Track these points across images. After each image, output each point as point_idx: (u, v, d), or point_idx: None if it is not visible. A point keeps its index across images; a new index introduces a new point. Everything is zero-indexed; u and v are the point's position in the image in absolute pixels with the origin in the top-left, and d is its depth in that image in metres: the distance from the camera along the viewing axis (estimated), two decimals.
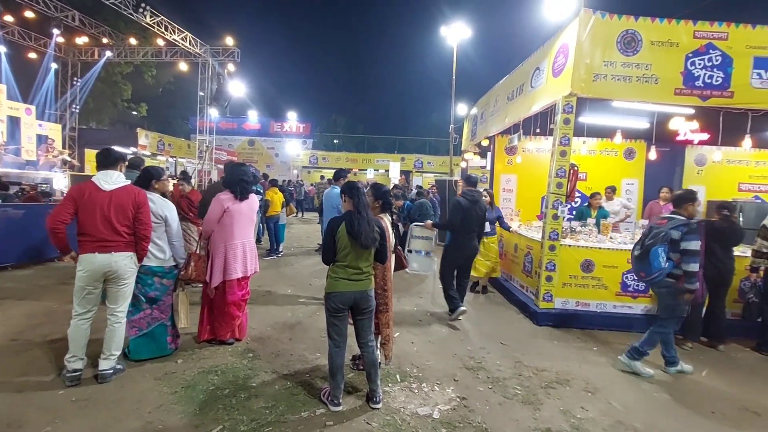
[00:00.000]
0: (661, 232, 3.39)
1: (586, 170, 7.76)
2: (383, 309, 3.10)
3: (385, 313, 3.12)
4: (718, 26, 4.53)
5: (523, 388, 3.12)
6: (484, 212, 4.79)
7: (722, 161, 7.73)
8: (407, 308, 5.08)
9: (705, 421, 2.84)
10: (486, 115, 8.33)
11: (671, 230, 3.36)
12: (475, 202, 4.68)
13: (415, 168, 25.21)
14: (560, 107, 4.67)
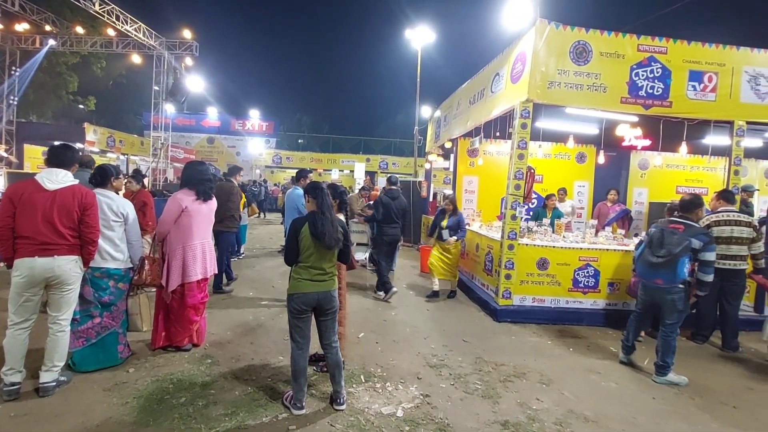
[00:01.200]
0: (684, 240, 3.41)
1: (542, 173, 8.12)
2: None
3: (339, 311, 3.13)
4: (659, 41, 4.91)
5: (483, 383, 3.23)
6: (403, 207, 5.88)
7: (662, 165, 8.37)
8: (372, 309, 5.10)
9: (647, 406, 3.06)
10: (449, 117, 8.52)
11: (692, 239, 3.42)
12: (395, 198, 5.77)
13: (380, 169, 25.31)
14: (518, 112, 4.87)
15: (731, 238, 4.30)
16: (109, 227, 3.06)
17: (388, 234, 5.75)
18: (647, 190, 8.45)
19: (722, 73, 4.95)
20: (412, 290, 6.22)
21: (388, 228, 5.70)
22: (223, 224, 5.35)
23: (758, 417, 3.02)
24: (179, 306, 3.41)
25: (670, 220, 3.75)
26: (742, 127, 5.05)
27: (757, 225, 4.44)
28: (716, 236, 4.35)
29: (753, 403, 3.22)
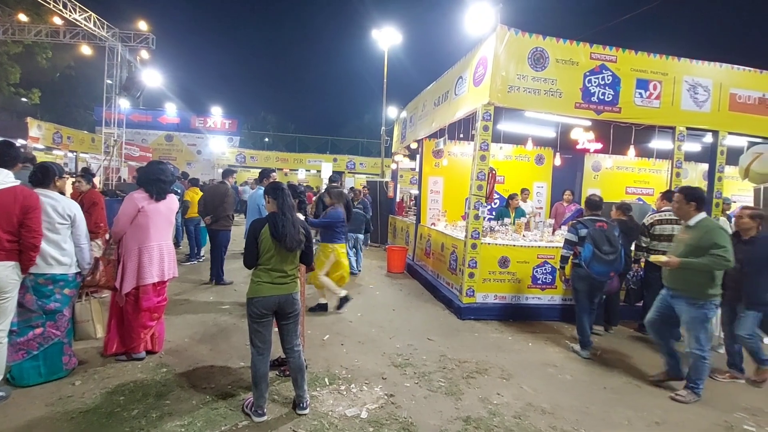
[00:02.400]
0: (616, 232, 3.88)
1: (503, 174, 8.41)
2: None
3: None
4: (609, 50, 5.20)
5: (446, 380, 3.29)
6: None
7: (613, 168, 8.89)
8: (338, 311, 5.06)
9: (598, 396, 3.23)
10: (415, 118, 8.62)
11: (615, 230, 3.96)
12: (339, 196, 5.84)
13: (347, 169, 25.21)
14: (480, 115, 5.00)
15: (672, 236, 4.62)
16: (54, 230, 2.86)
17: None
18: (600, 190, 8.92)
19: (665, 82, 5.32)
20: (378, 291, 6.24)
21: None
22: (219, 224, 5.96)
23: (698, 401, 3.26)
24: (133, 310, 3.26)
25: (595, 219, 4.10)
26: (683, 132, 5.44)
27: None
28: (659, 234, 4.68)
29: None
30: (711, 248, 3.15)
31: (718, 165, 5.63)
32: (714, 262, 3.14)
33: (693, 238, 3.30)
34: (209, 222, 5.97)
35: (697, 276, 3.25)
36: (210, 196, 6.14)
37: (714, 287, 3.24)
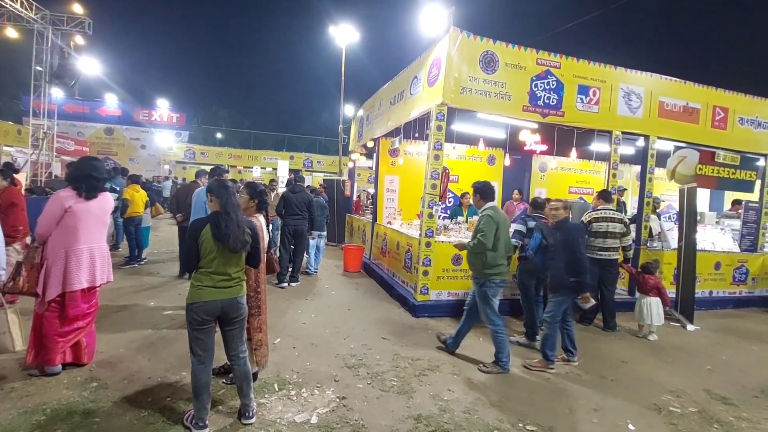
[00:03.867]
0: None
1: (457, 173, 8.61)
2: (255, 312, 2.95)
3: (258, 317, 2.98)
4: (554, 56, 5.46)
5: (399, 379, 3.29)
6: (305, 200, 6.31)
7: (558, 168, 9.41)
8: (290, 313, 4.92)
9: (543, 387, 3.38)
10: (371, 117, 8.60)
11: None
12: (295, 192, 6.34)
13: (304, 167, 24.73)
14: (434, 115, 5.06)
15: (606, 232, 4.97)
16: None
17: (290, 225, 6.27)
18: (546, 190, 9.43)
19: (603, 89, 5.68)
20: (334, 290, 6.15)
21: (290, 219, 6.20)
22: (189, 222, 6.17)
23: (630, 386, 3.50)
24: (59, 318, 2.97)
25: (540, 216, 4.45)
26: (619, 136, 5.84)
27: (627, 221, 5.17)
28: (594, 230, 5.00)
29: (627, 375, 3.73)
30: (477, 233, 3.60)
31: (649, 167, 6.10)
32: (475, 245, 3.59)
33: (476, 225, 3.77)
34: (181, 219, 6.16)
35: (473, 257, 3.70)
36: (183, 195, 6.37)
37: (490, 268, 3.58)
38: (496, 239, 3.56)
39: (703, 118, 6.31)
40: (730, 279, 6.67)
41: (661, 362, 4.12)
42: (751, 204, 7.04)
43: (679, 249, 5.85)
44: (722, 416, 3.05)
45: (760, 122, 6.73)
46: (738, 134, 6.55)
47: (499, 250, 3.62)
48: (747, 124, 6.64)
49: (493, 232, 3.54)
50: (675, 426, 2.87)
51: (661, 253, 6.09)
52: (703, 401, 3.30)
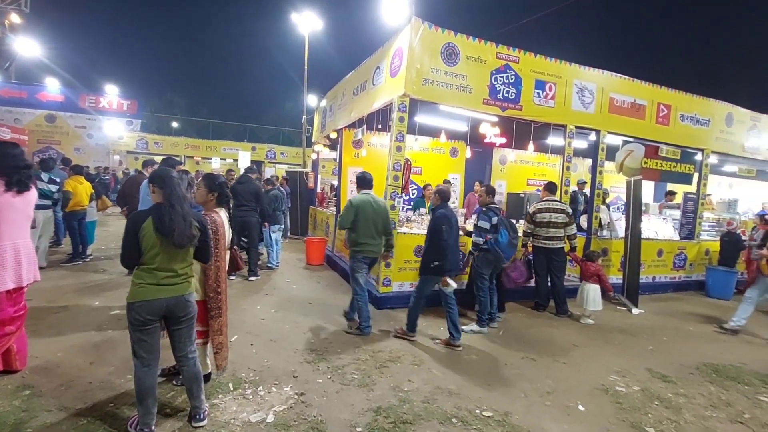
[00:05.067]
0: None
1: (420, 165, 8.66)
2: (216, 314, 2.81)
3: (218, 319, 2.83)
4: (513, 51, 5.56)
5: (360, 372, 3.26)
6: (253, 191, 6.12)
7: (516, 161, 9.70)
8: (249, 309, 4.77)
9: (500, 372, 3.48)
10: (334, 108, 8.44)
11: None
12: (242, 183, 6.23)
13: (267, 158, 24.01)
14: (396, 106, 5.02)
15: (550, 222, 5.19)
16: None
17: (237, 216, 5.92)
18: (506, 182, 9.70)
19: (559, 84, 5.87)
20: (295, 284, 6.02)
21: (237, 211, 5.90)
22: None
23: (580, 368, 3.68)
24: None
25: (498, 207, 4.58)
26: (573, 130, 6.07)
27: (570, 211, 5.38)
28: (538, 221, 5.22)
29: (578, 358, 3.92)
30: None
31: (600, 160, 6.40)
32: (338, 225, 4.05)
33: None
34: (127, 213, 5.74)
35: (346, 236, 4.28)
36: (129, 187, 5.97)
37: (354, 245, 4.15)
38: (358, 222, 4.09)
39: (648, 114, 6.69)
40: (670, 265, 7.18)
41: (609, 344, 4.37)
42: (690, 195, 7.59)
43: (626, 238, 6.21)
44: (662, 393, 3.27)
45: (698, 119, 7.23)
46: (679, 130, 7.01)
47: (360, 231, 4.11)
48: (687, 121, 7.12)
49: (351, 216, 4.08)
50: (620, 405, 3.05)
51: (609, 242, 6.44)
52: (646, 380, 3.52)
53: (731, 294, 6.89)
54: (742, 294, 5.41)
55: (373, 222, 4.14)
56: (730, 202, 9.84)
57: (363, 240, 4.11)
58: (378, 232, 4.20)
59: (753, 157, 8.04)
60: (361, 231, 4.11)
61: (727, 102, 7.61)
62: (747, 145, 7.88)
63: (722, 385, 3.50)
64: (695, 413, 2.98)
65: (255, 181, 6.53)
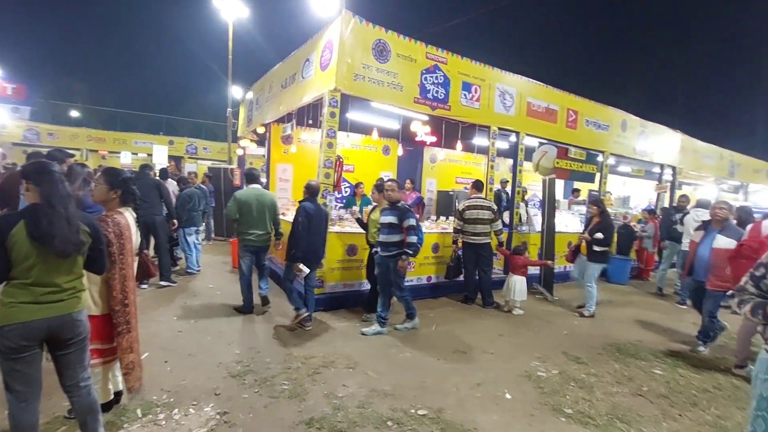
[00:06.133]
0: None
1: (352, 163, 8.56)
2: (124, 329, 2.42)
3: (127, 335, 2.44)
4: (441, 52, 5.69)
5: (291, 381, 3.08)
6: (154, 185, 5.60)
7: (446, 160, 10.06)
8: (163, 319, 4.28)
9: (434, 368, 3.52)
10: (261, 100, 7.99)
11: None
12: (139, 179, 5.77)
13: (187, 153, 22.11)
14: (327, 101, 4.85)
15: (477, 219, 5.45)
16: None
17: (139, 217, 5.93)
18: (436, 180, 10.02)
19: (483, 87, 6.15)
20: (219, 290, 5.57)
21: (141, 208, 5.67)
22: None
23: (506, 357, 3.87)
24: None
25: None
26: (496, 131, 6.41)
27: (496, 208, 5.70)
28: (467, 218, 5.45)
29: (503, 348, 4.13)
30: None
31: (520, 160, 6.85)
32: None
33: None
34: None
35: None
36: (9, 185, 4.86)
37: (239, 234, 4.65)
38: (242, 214, 4.55)
39: (560, 118, 7.31)
40: None
41: (530, 332, 4.68)
42: (593, 192, 8.48)
43: (542, 232, 6.73)
44: (577, 374, 3.56)
45: (600, 124, 8.09)
46: (584, 134, 7.77)
47: (244, 222, 4.56)
48: (591, 126, 7.92)
49: (235, 208, 4.54)
50: (542, 389, 3.25)
51: (528, 236, 6.93)
52: (563, 363, 3.82)
53: (627, 279, 7.84)
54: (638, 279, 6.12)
55: (259, 214, 4.60)
56: (624, 198, 11.25)
57: (246, 230, 4.58)
58: (265, 224, 4.67)
59: (642, 158, 9.23)
60: (245, 222, 4.58)
61: (622, 110, 8.63)
62: (638, 148, 9.01)
63: (624, 362, 3.92)
64: (604, 390, 3.29)
65: (152, 174, 5.94)
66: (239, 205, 4.58)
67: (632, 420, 2.84)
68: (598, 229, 5.39)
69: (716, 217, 4.22)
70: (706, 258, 4.18)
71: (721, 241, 4.07)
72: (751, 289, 1.76)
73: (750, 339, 3.79)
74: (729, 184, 12.99)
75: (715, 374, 3.74)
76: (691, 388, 3.43)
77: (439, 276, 5.92)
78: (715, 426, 2.84)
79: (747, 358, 3.77)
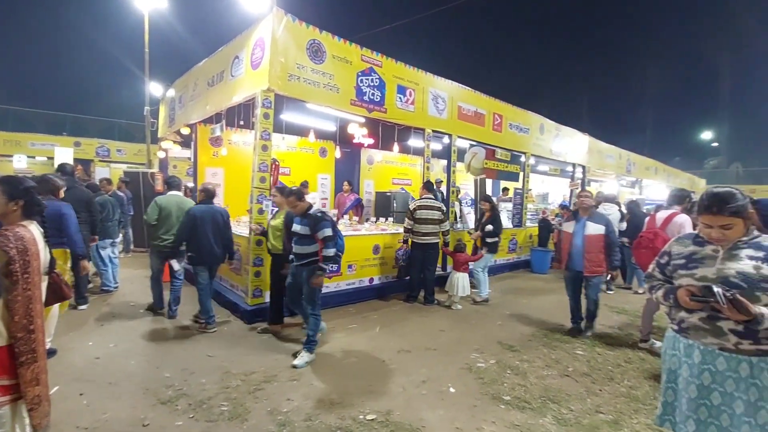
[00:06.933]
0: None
1: (289, 165, 8.32)
2: (28, 359, 2.06)
3: (32, 365, 2.08)
4: (376, 55, 5.74)
5: (230, 401, 2.89)
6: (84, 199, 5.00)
7: (383, 161, 10.20)
8: (76, 347, 3.79)
9: (379, 371, 3.53)
10: (185, 99, 7.41)
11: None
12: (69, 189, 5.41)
13: (98, 156, 19.81)
14: (260, 101, 4.65)
15: (427, 219, 5.62)
16: None
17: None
18: (374, 181, 10.11)
19: (417, 91, 6.32)
20: (141, 308, 5.06)
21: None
22: None
23: (448, 352, 4.02)
24: None
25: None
26: (430, 134, 6.63)
27: (445, 209, 5.94)
28: (418, 217, 5.60)
29: (445, 343, 4.28)
30: None
31: (453, 161, 7.17)
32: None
33: None
34: None
35: None
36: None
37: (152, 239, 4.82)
38: (160, 219, 4.66)
39: (487, 122, 7.78)
40: (506, 249, 8.54)
41: (468, 325, 4.91)
42: (518, 190, 9.17)
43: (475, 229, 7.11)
44: (511, 362, 3.81)
45: (521, 128, 8.76)
46: (508, 136, 8.36)
47: (160, 227, 4.68)
48: (514, 129, 8.54)
49: (155, 213, 4.65)
50: (482, 380, 3.42)
51: (463, 233, 7.28)
52: (499, 352, 4.06)
53: (547, 269, 8.58)
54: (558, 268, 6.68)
55: (177, 221, 4.65)
56: (543, 195, 12.31)
57: (161, 235, 4.68)
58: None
59: (557, 159, 10.17)
60: (161, 227, 4.68)
61: (539, 114, 9.43)
62: (553, 149, 9.91)
63: (551, 346, 4.28)
64: (536, 374, 3.56)
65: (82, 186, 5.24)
66: (160, 210, 4.68)
67: (562, 399, 3.11)
68: (489, 222, 5.97)
69: (583, 205, 4.44)
70: (580, 246, 4.41)
71: (591, 228, 4.35)
72: (658, 275, 2.00)
73: (652, 316, 4.36)
74: (627, 180, 14.83)
75: (625, 350, 4.24)
76: (607, 364, 3.85)
77: (380, 277, 5.98)
78: (629, 396, 3.21)
79: (650, 333, 4.33)
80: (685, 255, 1.86)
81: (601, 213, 4.58)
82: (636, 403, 3.08)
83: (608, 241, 4.36)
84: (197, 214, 4.33)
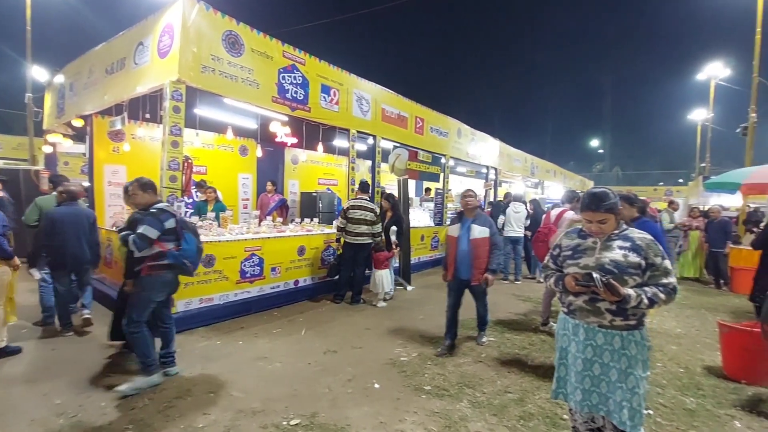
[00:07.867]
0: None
1: (205, 164, 7.78)
2: None
3: None
4: (299, 53, 5.63)
5: (136, 423, 2.62)
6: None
7: (308, 161, 10.03)
8: None
9: (304, 373, 3.48)
10: (78, 87, 6.52)
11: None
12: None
13: None
14: (168, 93, 4.29)
15: (360, 219, 5.67)
16: None
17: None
18: (299, 181, 9.89)
19: (341, 91, 6.33)
20: (25, 328, 4.35)
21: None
22: None
23: (373, 349, 4.10)
24: None
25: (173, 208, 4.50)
26: (355, 134, 6.69)
27: (378, 211, 6.02)
28: (350, 217, 5.64)
29: (370, 340, 4.36)
30: None
31: (377, 162, 7.32)
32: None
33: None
34: None
35: None
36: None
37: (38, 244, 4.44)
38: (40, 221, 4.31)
39: (410, 124, 8.08)
40: (429, 246, 8.96)
41: (392, 322, 5.06)
42: (439, 190, 9.67)
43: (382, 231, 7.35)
44: (432, 354, 4.01)
45: (441, 131, 9.25)
46: (430, 139, 8.77)
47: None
48: (434, 132, 8.99)
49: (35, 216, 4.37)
50: (405, 373, 3.56)
51: None
52: (420, 345, 4.25)
53: None
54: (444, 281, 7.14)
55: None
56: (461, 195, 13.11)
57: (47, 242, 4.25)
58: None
59: (473, 161, 10.93)
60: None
61: (457, 119, 10.05)
62: (470, 152, 10.63)
63: (467, 336, 4.60)
64: (454, 363, 3.80)
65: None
66: (40, 211, 4.36)
67: (476, 384, 3.36)
68: (392, 222, 6.34)
69: (468, 206, 4.11)
70: (467, 252, 4.03)
71: (476, 231, 4.00)
72: (552, 265, 2.28)
73: (550, 301, 4.91)
74: (531, 181, 16.46)
75: (529, 334, 4.72)
76: (514, 348, 4.25)
77: (306, 279, 5.88)
78: (533, 375, 3.59)
79: (549, 317, 4.87)
80: (572, 247, 2.14)
81: (484, 214, 4.21)
82: (538, 381, 3.45)
83: (491, 243, 4.03)
84: (56, 217, 4.14)
